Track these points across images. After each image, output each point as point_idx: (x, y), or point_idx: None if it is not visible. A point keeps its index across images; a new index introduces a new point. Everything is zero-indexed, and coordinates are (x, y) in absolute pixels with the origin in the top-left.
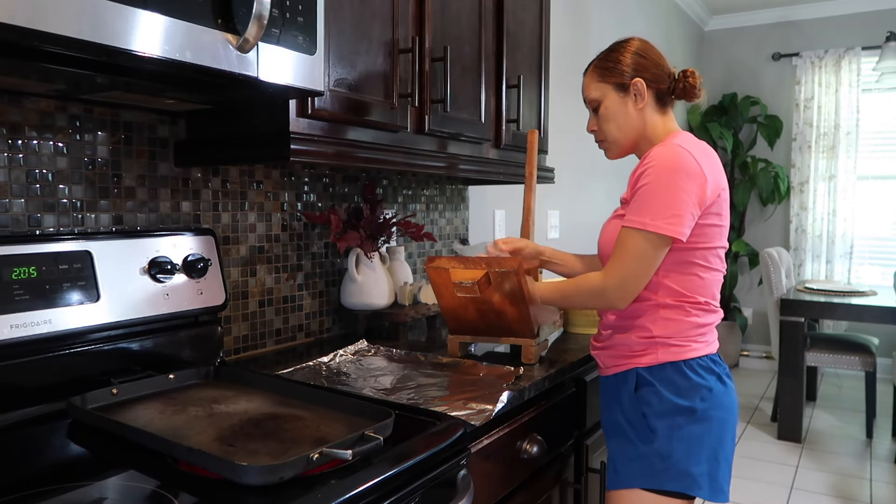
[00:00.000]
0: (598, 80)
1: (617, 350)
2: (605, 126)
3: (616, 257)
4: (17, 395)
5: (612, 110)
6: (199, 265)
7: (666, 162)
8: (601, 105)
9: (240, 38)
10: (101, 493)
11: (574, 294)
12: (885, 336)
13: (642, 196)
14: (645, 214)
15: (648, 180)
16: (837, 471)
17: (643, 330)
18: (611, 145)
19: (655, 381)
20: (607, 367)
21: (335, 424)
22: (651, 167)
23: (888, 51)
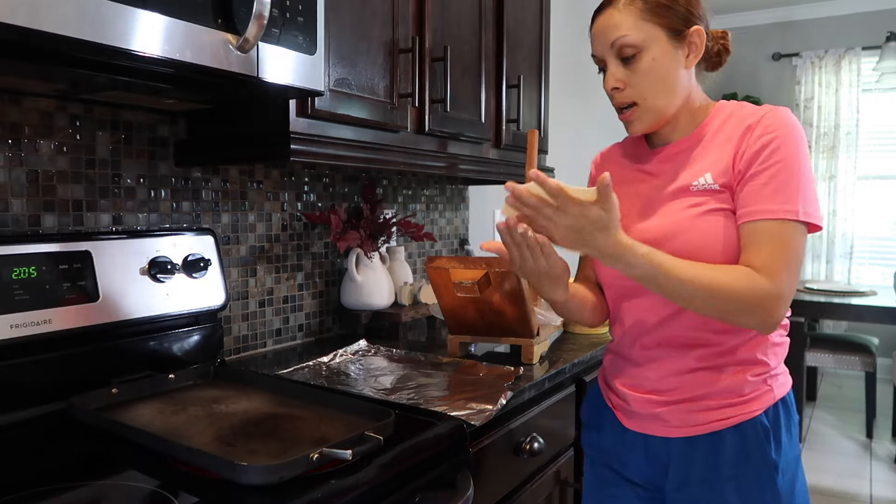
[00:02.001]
0: (641, 18)
1: (715, 399)
2: (645, 84)
3: (775, 255)
4: (17, 395)
5: (661, 64)
6: (199, 265)
7: (796, 130)
8: (643, 54)
9: (240, 38)
10: (101, 493)
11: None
12: (885, 336)
13: (784, 176)
14: (797, 200)
15: (786, 154)
16: (837, 471)
17: (759, 365)
18: (646, 112)
19: (773, 429)
20: (689, 424)
21: (335, 424)
22: (780, 136)
23: (888, 51)
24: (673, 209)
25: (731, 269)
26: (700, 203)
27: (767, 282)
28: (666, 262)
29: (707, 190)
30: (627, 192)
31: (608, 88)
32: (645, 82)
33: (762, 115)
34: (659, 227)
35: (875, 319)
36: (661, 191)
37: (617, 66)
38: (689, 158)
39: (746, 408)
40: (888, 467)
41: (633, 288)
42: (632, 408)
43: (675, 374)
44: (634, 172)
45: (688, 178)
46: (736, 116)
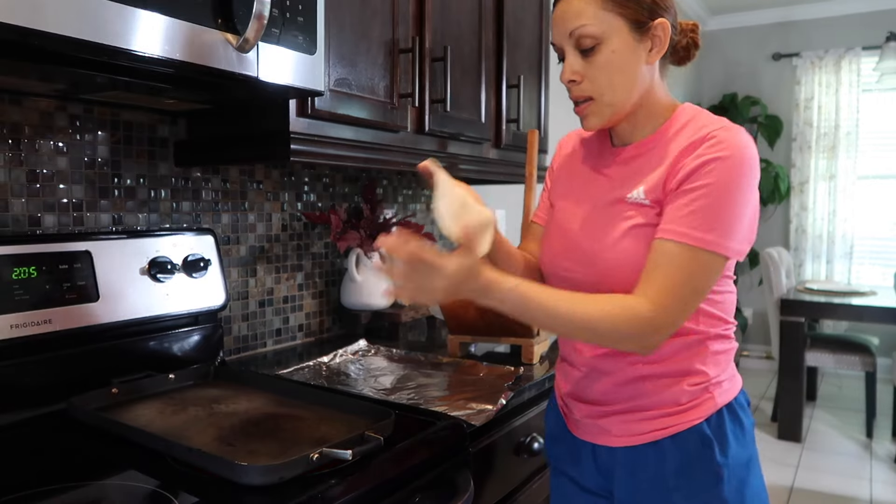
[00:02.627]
0: (603, 8)
1: (653, 409)
2: (601, 78)
3: (666, 281)
4: (17, 395)
5: (620, 57)
6: (199, 265)
7: (738, 157)
8: (602, 46)
9: (240, 38)
10: (101, 493)
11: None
12: (885, 336)
13: (705, 200)
14: (706, 227)
15: (714, 179)
16: (837, 471)
17: (695, 374)
18: (602, 107)
19: (716, 437)
20: (630, 433)
21: (335, 424)
22: (718, 161)
23: (888, 51)
24: (608, 219)
25: (607, 300)
26: (632, 217)
27: (648, 310)
28: (536, 297)
29: (637, 203)
30: (580, 190)
31: (564, 80)
32: (603, 76)
33: (709, 133)
34: (593, 237)
35: (875, 319)
36: (607, 195)
37: (575, 56)
38: (638, 166)
39: (686, 416)
40: (888, 467)
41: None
42: (576, 417)
43: (614, 385)
44: (590, 170)
45: (628, 188)
46: (692, 126)
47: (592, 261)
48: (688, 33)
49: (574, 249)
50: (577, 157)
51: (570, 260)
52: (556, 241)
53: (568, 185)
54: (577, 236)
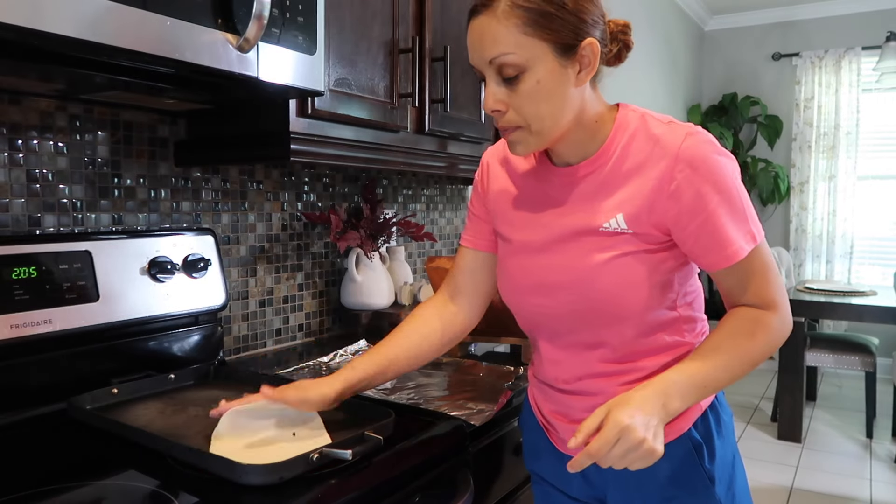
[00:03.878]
0: (523, 33)
1: None
2: (527, 108)
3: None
4: (17, 395)
5: (547, 85)
6: (199, 265)
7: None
8: (526, 75)
9: (240, 38)
10: (101, 493)
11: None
12: (885, 336)
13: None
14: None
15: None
16: (837, 471)
17: None
18: (532, 136)
19: (704, 441)
20: None
21: (335, 424)
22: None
23: (888, 51)
24: (581, 251)
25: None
26: (612, 246)
27: (773, 315)
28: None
29: (618, 233)
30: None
31: (488, 110)
32: (529, 105)
33: (678, 154)
34: (567, 270)
35: (875, 319)
36: (566, 225)
37: (497, 84)
38: (595, 187)
39: (674, 426)
40: (888, 467)
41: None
42: (561, 436)
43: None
44: (535, 192)
45: (596, 215)
46: (641, 137)
47: (577, 292)
48: (619, 37)
49: (544, 285)
50: (513, 176)
51: (542, 295)
52: (518, 278)
53: (512, 212)
54: (546, 271)
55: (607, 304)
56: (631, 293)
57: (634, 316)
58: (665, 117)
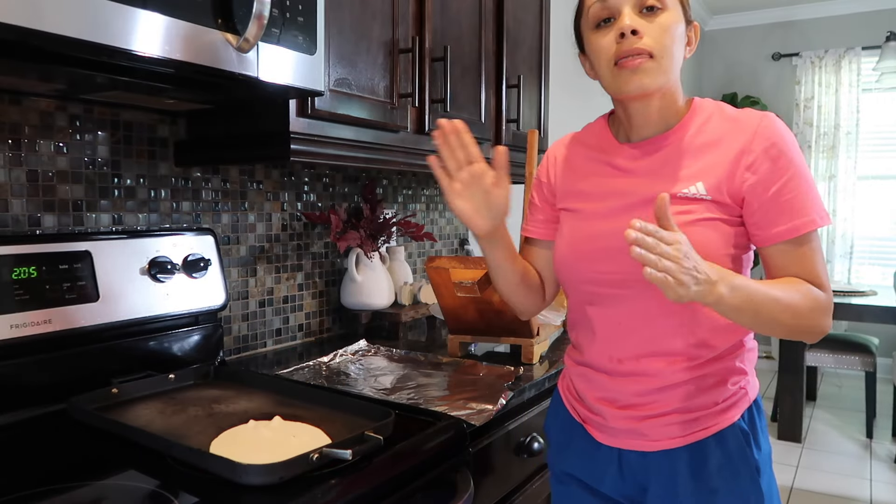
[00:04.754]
0: None
1: (694, 410)
2: (666, 38)
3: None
4: (17, 395)
5: (679, 31)
6: (199, 265)
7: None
8: (667, 12)
9: (240, 38)
10: (101, 493)
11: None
12: (885, 336)
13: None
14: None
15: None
16: (837, 471)
17: (738, 373)
18: (658, 68)
19: (752, 432)
20: (670, 436)
21: (335, 424)
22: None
23: (888, 51)
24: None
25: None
26: (689, 211)
27: (822, 293)
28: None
29: (697, 199)
30: (599, 188)
31: (625, 29)
32: (666, 36)
33: (756, 130)
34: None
35: (875, 319)
36: (642, 191)
37: (634, 16)
38: (669, 159)
39: (726, 415)
40: (888, 467)
41: (602, 296)
42: (608, 423)
43: (657, 388)
44: (604, 167)
45: (673, 182)
46: (718, 117)
47: None
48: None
49: (610, 249)
50: (576, 159)
51: (607, 260)
52: (587, 244)
53: (577, 188)
54: (612, 236)
55: None
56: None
57: None
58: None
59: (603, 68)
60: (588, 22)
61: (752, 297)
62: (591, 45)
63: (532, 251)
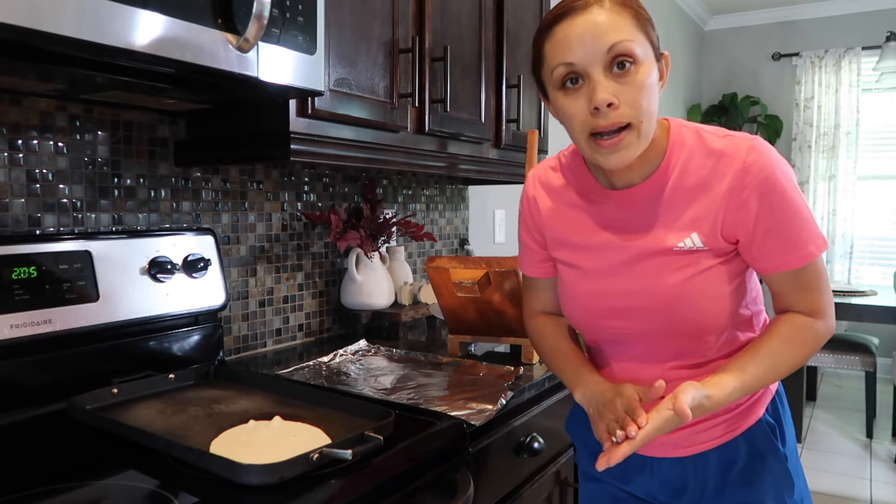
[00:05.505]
0: (635, 27)
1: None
2: (642, 103)
3: (821, 291)
4: (17, 395)
5: (652, 83)
6: (199, 265)
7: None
8: (640, 66)
9: (240, 38)
10: (101, 493)
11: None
12: (885, 336)
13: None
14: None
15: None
16: (837, 471)
17: None
18: (640, 137)
19: (777, 424)
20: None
21: (335, 424)
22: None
23: (888, 51)
24: (660, 271)
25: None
26: (689, 264)
27: (821, 322)
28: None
29: (693, 251)
30: (592, 241)
31: (600, 104)
32: (643, 99)
33: (743, 165)
34: (650, 292)
35: (875, 319)
36: (637, 246)
37: (606, 77)
38: (657, 207)
39: (753, 413)
40: (888, 467)
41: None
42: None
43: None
44: (592, 217)
45: (667, 235)
46: (701, 153)
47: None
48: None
49: (622, 309)
50: (561, 206)
51: (620, 318)
52: (591, 302)
53: (568, 240)
54: (623, 295)
55: (692, 321)
56: (715, 305)
57: (719, 324)
58: (720, 130)
59: (577, 136)
60: (552, 80)
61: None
62: (558, 107)
63: (539, 292)
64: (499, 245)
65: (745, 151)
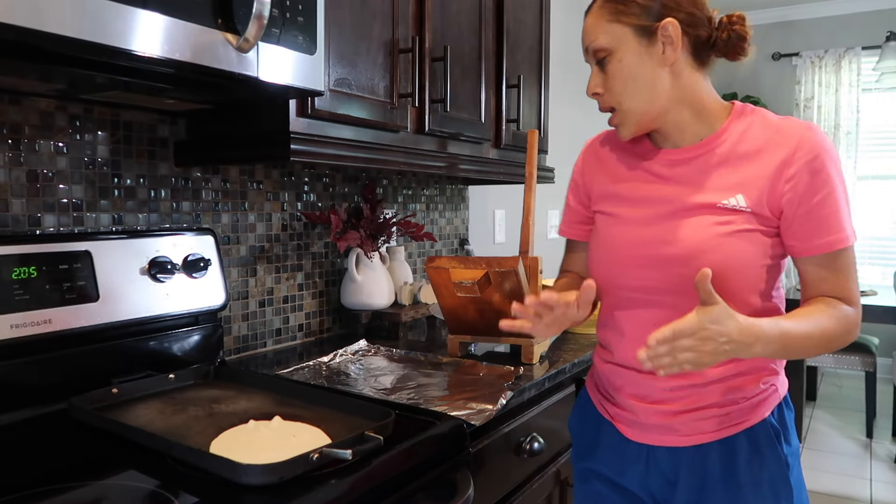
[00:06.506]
0: (608, 21)
1: (726, 406)
2: (617, 88)
3: (852, 280)
4: (17, 395)
5: (628, 65)
6: (199, 265)
7: (833, 152)
8: (611, 56)
9: (240, 38)
10: (101, 493)
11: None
12: (885, 336)
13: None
14: (847, 225)
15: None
16: (837, 471)
17: (769, 371)
18: (625, 116)
19: (781, 427)
20: (702, 431)
21: (335, 424)
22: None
23: (888, 51)
24: (699, 224)
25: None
26: (729, 222)
27: (853, 310)
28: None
29: (737, 210)
30: (636, 193)
31: (589, 94)
32: (617, 85)
33: (800, 141)
34: (684, 241)
35: (875, 319)
36: (681, 199)
37: (596, 71)
38: (708, 167)
39: (757, 411)
40: (888, 467)
41: (636, 300)
42: (639, 419)
43: (688, 384)
44: (641, 172)
45: (714, 192)
46: (759, 126)
47: (688, 265)
48: (728, 27)
49: (654, 257)
50: (612, 162)
51: (649, 268)
52: (625, 250)
53: (613, 191)
54: (658, 244)
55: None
56: (740, 271)
57: (737, 295)
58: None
59: None
60: None
61: (787, 345)
62: None
63: (569, 254)
64: (499, 245)
65: (803, 129)
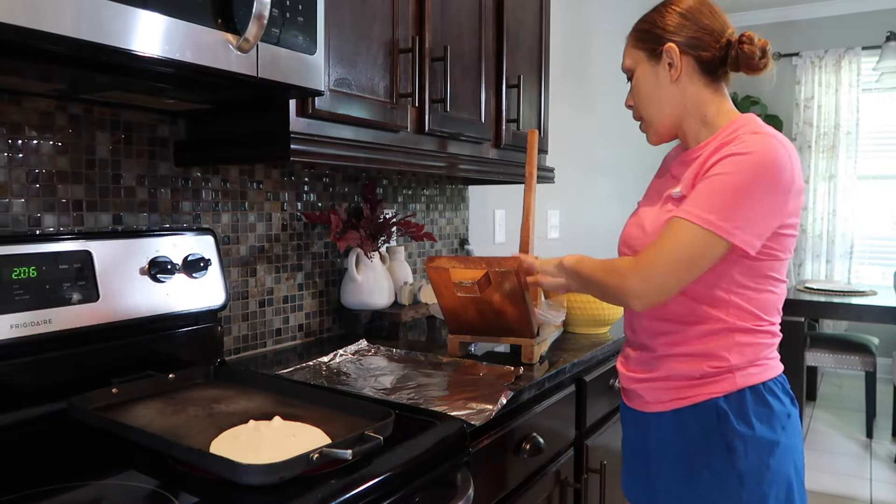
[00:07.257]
0: (632, 46)
1: (675, 381)
2: (639, 101)
3: (655, 244)
4: (17, 395)
5: (642, 82)
6: (199, 265)
7: (757, 157)
8: (634, 76)
9: (240, 38)
10: (101, 493)
11: (599, 271)
12: (885, 336)
13: (713, 186)
14: (707, 208)
15: (727, 170)
16: (837, 471)
17: (716, 359)
18: (647, 125)
19: (732, 412)
20: (658, 401)
21: (335, 424)
22: (735, 156)
23: (888, 51)
24: (656, 214)
25: (612, 263)
26: (669, 210)
27: (630, 271)
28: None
29: (675, 198)
30: (652, 190)
31: (626, 105)
32: (638, 99)
33: (739, 135)
34: (638, 230)
35: (875, 319)
36: (659, 193)
37: (630, 87)
38: (685, 167)
39: (703, 389)
40: (888, 467)
41: None
42: (624, 385)
43: (651, 357)
44: (666, 171)
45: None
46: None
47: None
48: (736, 46)
49: (628, 237)
50: (665, 163)
51: (625, 245)
52: (620, 237)
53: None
54: (632, 226)
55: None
56: None
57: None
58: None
59: None
60: None
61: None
62: None
63: None
64: (499, 245)
65: (750, 131)
